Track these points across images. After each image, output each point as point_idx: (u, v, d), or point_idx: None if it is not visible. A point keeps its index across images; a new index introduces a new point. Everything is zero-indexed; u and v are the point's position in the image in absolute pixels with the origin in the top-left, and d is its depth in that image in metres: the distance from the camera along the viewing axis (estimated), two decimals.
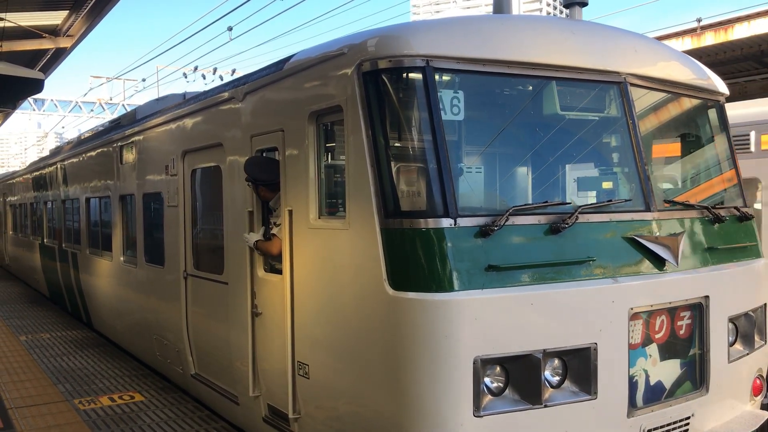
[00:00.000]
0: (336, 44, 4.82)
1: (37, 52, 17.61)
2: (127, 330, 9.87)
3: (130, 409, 7.34)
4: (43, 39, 16.42)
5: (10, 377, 8.70)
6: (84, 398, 7.78)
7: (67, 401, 7.65)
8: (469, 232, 4.15)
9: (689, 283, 4.89)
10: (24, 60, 17.13)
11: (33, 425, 6.84)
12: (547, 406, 4.21)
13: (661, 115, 5.64)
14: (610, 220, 4.62)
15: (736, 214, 5.61)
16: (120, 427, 6.77)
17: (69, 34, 16.49)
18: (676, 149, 5.93)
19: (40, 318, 13.48)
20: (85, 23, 15.72)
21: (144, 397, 7.82)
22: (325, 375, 4.89)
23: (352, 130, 4.48)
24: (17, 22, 14.21)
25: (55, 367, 9.28)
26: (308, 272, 5.06)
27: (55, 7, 14.66)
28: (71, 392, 8.04)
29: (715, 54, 12.54)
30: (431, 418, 4.03)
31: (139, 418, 7.04)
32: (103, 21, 15.66)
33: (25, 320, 13.16)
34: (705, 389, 5.02)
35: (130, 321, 9.56)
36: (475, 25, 4.63)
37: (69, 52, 17.71)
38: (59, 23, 15.87)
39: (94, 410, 7.31)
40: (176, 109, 7.78)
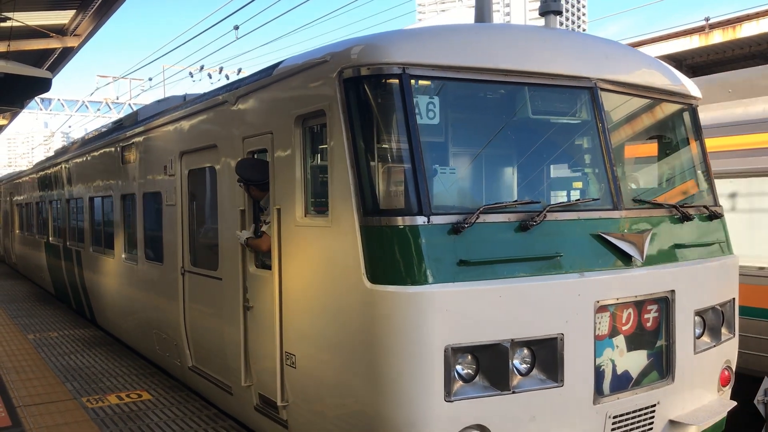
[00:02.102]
0: (320, 52, 5.11)
1: (45, 51, 17.68)
2: (128, 325, 10.18)
3: (138, 408, 7.39)
4: (50, 38, 16.48)
5: (18, 375, 8.77)
6: (92, 396, 7.83)
7: (75, 399, 7.72)
8: (442, 230, 4.43)
9: (655, 278, 5.16)
10: (31, 59, 17.20)
11: (41, 423, 6.88)
12: (515, 393, 4.49)
13: (635, 118, 5.91)
14: (578, 218, 4.89)
15: (706, 213, 5.88)
16: (128, 425, 6.82)
17: (76, 33, 16.59)
18: (650, 150, 6.19)
19: (48, 317, 13.56)
20: (92, 23, 15.80)
21: (151, 395, 7.86)
22: (310, 364, 5.18)
23: (333, 133, 4.77)
24: (25, 22, 14.29)
25: (63, 366, 9.35)
26: (295, 267, 5.35)
27: (62, 6, 14.77)
28: (79, 390, 8.10)
29: (723, 52, 12.70)
30: (405, 403, 4.32)
31: (146, 416, 7.09)
32: (109, 20, 15.87)
33: (33, 319, 13.27)
34: (671, 379, 5.28)
35: (132, 317, 9.87)
36: (450, 34, 4.91)
37: (76, 51, 17.79)
38: (66, 23, 15.95)
39: (102, 408, 7.37)
40: (174, 111, 8.08)
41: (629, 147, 5.95)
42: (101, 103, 36.52)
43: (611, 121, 5.44)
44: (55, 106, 35.60)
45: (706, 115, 7.68)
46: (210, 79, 33.56)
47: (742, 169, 7.84)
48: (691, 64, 13.35)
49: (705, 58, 13.02)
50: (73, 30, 16.41)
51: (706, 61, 13.07)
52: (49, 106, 35.22)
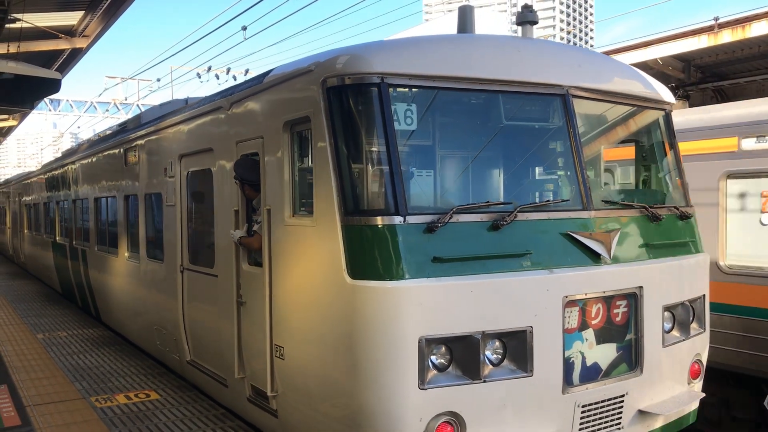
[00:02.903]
0: (306, 61, 5.43)
1: (54, 52, 17.72)
2: (131, 322, 10.52)
3: (146, 407, 7.46)
4: (59, 39, 16.53)
5: (27, 375, 8.88)
6: (100, 396, 7.89)
7: (83, 399, 7.79)
8: (418, 228, 4.73)
9: (623, 274, 5.44)
10: (40, 60, 17.26)
11: (51, 422, 6.95)
12: (486, 382, 4.79)
13: (609, 123, 6.21)
14: (548, 218, 5.19)
15: (676, 213, 6.16)
16: (136, 425, 6.88)
17: (85, 34, 16.63)
18: (625, 153, 6.49)
19: (57, 316, 13.69)
20: (100, 23, 15.84)
21: (159, 395, 7.92)
22: (297, 356, 5.50)
23: (317, 138, 5.09)
24: (34, 23, 14.33)
25: (72, 365, 9.43)
26: (284, 264, 5.66)
27: (71, 7, 14.84)
28: (88, 390, 8.17)
29: (732, 51, 12.59)
30: (381, 390, 4.62)
31: (154, 416, 7.15)
32: (118, 21, 15.82)
33: (42, 318, 13.39)
34: (639, 371, 5.56)
35: (134, 313, 10.21)
36: (427, 45, 5.22)
37: (85, 52, 17.80)
38: (75, 23, 16.02)
39: (110, 408, 7.44)
40: (174, 115, 8.42)
41: (605, 150, 6.25)
42: (110, 104, 36.48)
43: (585, 126, 5.74)
44: (63, 106, 35.62)
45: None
46: (218, 79, 33.54)
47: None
48: (699, 64, 13.32)
49: (714, 58, 12.94)
50: (81, 31, 16.50)
51: (715, 61, 13.00)
52: (58, 106, 35.28)
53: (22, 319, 13.32)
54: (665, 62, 13.09)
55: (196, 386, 8.12)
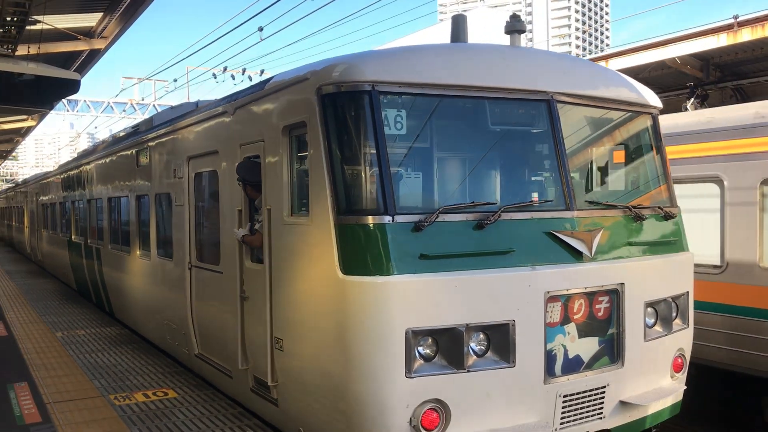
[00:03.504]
0: (303, 70, 5.75)
1: (72, 53, 17.83)
2: (143, 318, 10.89)
3: (164, 405, 7.52)
4: (78, 41, 16.59)
5: (47, 372, 9.00)
6: (119, 394, 7.99)
7: (102, 397, 7.88)
8: (406, 227, 5.04)
9: (605, 272, 5.71)
10: (59, 61, 17.40)
11: (70, 420, 7.04)
12: (470, 371, 5.08)
13: (595, 126, 6.48)
14: (531, 218, 5.47)
15: (661, 213, 6.42)
16: (155, 423, 6.95)
17: (103, 35, 16.72)
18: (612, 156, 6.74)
19: (75, 315, 13.86)
20: (118, 25, 15.93)
21: (177, 393, 7.98)
22: (294, 347, 5.82)
23: (313, 141, 5.41)
24: (54, 25, 14.41)
25: (90, 363, 9.54)
26: (283, 261, 5.99)
27: (90, 9, 14.99)
28: (107, 388, 8.26)
29: (752, 50, 12.47)
30: (370, 379, 4.93)
31: (173, 414, 7.21)
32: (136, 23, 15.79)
33: (60, 317, 13.55)
34: (621, 364, 5.83)
35: (146, 309, 10.58)
36: (417, 55, 5.53)
37: (103, 53, 17.88)
38: (94, 25, 16.15)
39: (129, 406, 7.53)
40: (182, 119, 8.78)
41: (592, 153, 6.52)
42: (126, 104, 36.66)
43: (572, 130, 6.02)
44: (81, 107, 35.73)
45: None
46: (233, 80, 33.61)
47: None
48: (718, 62, 13.21)
49: (733, 57, 12.82)
50: (100, 32, 16.61)
51: (734, 59, 12.88)
52: (76, 107, 35.43)
53: (41, 317, 13.53)
54: (683, 61, 13.00)
55: (203, 378, 8.47)
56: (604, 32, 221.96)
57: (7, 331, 11.74)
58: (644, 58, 13.22)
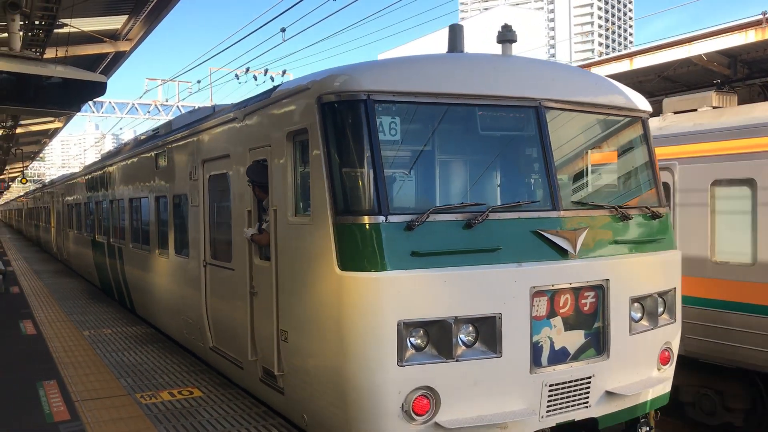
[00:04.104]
0: (305, 80, 6.16)
1: (98, 56, 18.06)
2: (162, 313, 11.38)
3: (189, 404, 7.60)
4: (104, 43, 16.79)
5: (75, 371, 9.16)
6: (145, 393, 8.10)
7: (129, 395, 7.99)
8: (398, 227, 5.42)
9: (590, 268, 6.04)
10: (86, 64, 17.72)
11: (98, 418, 7.16)
12: (459, 361, 5.45)
13: (585, 130, 6.80)
14: (519, 218, 5.82)
15: (648, 213, 6.72)
16: (180, 421, 7.03)
17: (128, 38, 16.92)
18: (601, 158, 7.06)
19: (101, 314, 14.12)
20: (143, 27, 16.10)
21: (202, 392, 8.07)
22: (297, 338, 6.23)
23: (313, 146, 5.81)
24: (80, 28, 14.59)
25: (117, 362, 9.70)
26: (287, 258, 6.40)
27: (115, 12, 15.17)
28: (133, 387, 8.37)
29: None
30: (365, 367, 5.32)
31: (198, 413, 7.29)
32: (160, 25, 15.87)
33: (87, 316, 13.81)
34: (607, 355, 6.15)
35: (165, 305, 11.06)
36: (411, 65, 5.92)
37: (128, 55, 18.06)
38: (119, 27, 16.33)
39: (155, 404, 7.63)
40: (198, 123, 9.23)
41: (581, 155, 6.84)
42: (150, 106, 37.09)
43: (560, 133, 6.36)
44: (106, 108, 36.26)
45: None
46: (255, 81, 33.77)
47: None
48: (746, 59, 13.05)
49: (762, 53, 12.63)
50: (125, 35, 16.83)
51: (763, 56, 12.71)
52: (101, 108, 36.01)
53: (68, 316, 13.79)
54: (710, 58, 12.87)
55: (217, 370, 8.91)
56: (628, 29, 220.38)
57: (36, 330, 12.04)
58: (669, 55, 13.06)
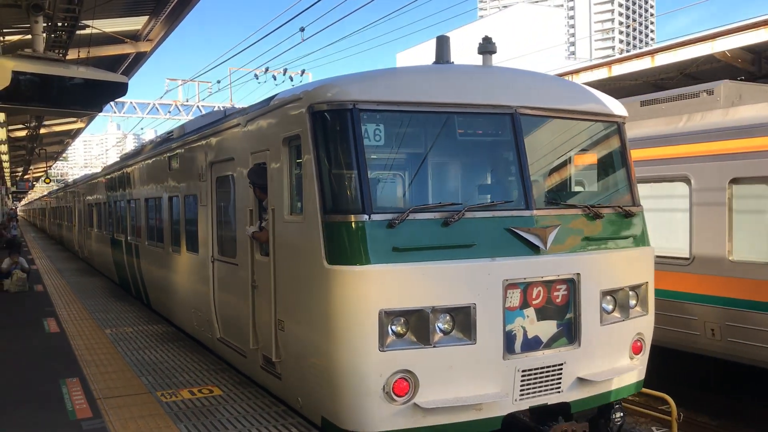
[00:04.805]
0: (299, 89, 6.71)
1: (119, 56, 18.48)
2: (175, 307, 12.00)
3: (209, 403, 7.66)
4: (125, 44, 17.17)
5: (97, 369, 9.28)
6: (166, 391, 8.16)
7: (150, 393, 8.07)
8: (381, 224, 5.95)
9: (560, 263, 6.53)
10: (107, 64, 18.13)
11: (120, 415, 7.25)
12: (436, 347, 5.97)
13: (561, 135, 7.29)
14: (493, 216, 6.33)
15: (621, 212, 7.19)
16: (200, 420, 7.09)
17: (149, 38, 17.27)
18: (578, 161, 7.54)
19: (122, 312, 14.28)
20: (163, 28, 16.43)
21: (222, 391, 8.13)
22: (292, 327, 6.79)
23: (305, 151, 6.36)
24: (102, 29, 14.98)
25: (138, 360, 9.79)
26: (283, 254, 6.95)
27: (136, 13, 15.55)
28: (153, 385, 8.44)
29: None
30: (350, 352, 5.86)
31: (217, 411, 7.35)
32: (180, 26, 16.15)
33: (109, 314, 13.97)
34: (578, 344, 6.63)
35: (178, 299, 11.68)
36: (394, 76, 6.45)
37: (149, 56, 18.41)
38: (140, 28, 16.73)
39: (175, 403, 7.69)
40: (207, 128, 9.83)
41: (557, 158, 7.33)
42: (171, 106, 37.65)
43: (537, 138, 6.85)
44: (127, 108, 36.95)
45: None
46: (275, 80, 33.77)
47: None
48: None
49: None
50: (146, 35, 17.20)
51: None
52: (122, 108, 36.72)
53: (91, 314, 13.98)
54: (734, 55, 12.88)
55: (224, 359, 9.50)
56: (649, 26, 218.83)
57: (60, 328, 12.29)
58: (692, 52, 13.05)
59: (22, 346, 10.76)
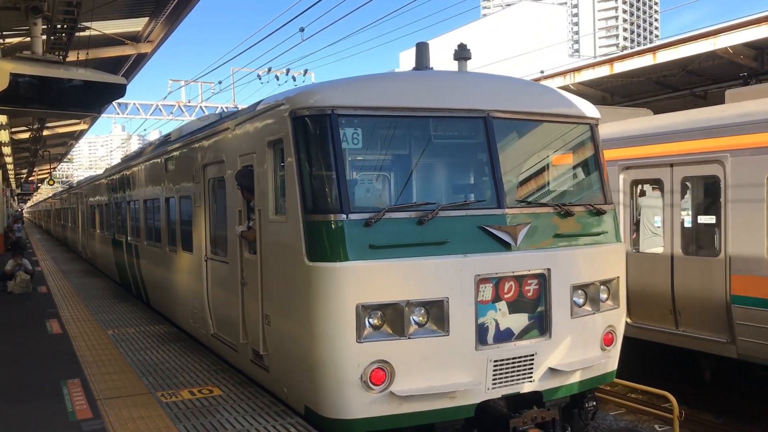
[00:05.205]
0: (282, 96, 7.07)
1: (120, 58, 18.46)
2: (173, 305, 12.37)
3: (209, 403, 7.68)
4: (125, 46, 17.19)
5: (98, 369, 9.29)
6: (166, 391, 8.17)
7: (150, 394, 8.07)
8: (358, 223, 6.31)
9: (531, 259, 6.86)
10: (109, 66, 18.19)
11: (120, 416, 7.27)
12: (410, 338, 6.32)
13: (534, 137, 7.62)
14: (466, 215, 6.68)
15: (593, 210, 7.52)
16: (200, 420, 7.11)
17: (149, 39, 17.27)
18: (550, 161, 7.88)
19: (125, 313, 14.33)
20: (163, 29, 16.43)
21: (222, 391, 8.16)
22: (277, 321, 7.15)
23: (287, 154, 6.72)
24: (102, 30, 14.98)
25: (139, 361, 9.81)
26: (269, 252, 7.31)
27: (136, 14, 15.61)
28: (154, 385, 8.45)
29: None
30: (329, 343, 6.22)
31: (217, 411, 7.37)
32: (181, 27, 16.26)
33: (111, 315, 14.03)
34: (549, 336, 6.97)
35: (175, 297, 12.05)
36: (371, 83, 6.81)
37: (149, 57, 18.45)
38: (140, 29, 16.74)
39: (175, 403, 7.71)
40: (200, 132, 10.20)
41: (530, 159, 7.66)
42: (174, 107, 37.62)
43: (510, 140, 7.20)
44: (131, 110, 36.89)
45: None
46: (277, 81, 33.85)
47: None
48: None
49: None
50: (146, 37, 17.20)
51: None
52: (126, 110, 36.69)
53: (93, 315, 14.04)
54: (736, 51, 12.88)
55: (218, 355, 9.87)
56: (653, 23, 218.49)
57: (62, 329, 12.34)
58: (693, 49, 13.10)
59: (25, 347, 10.89)
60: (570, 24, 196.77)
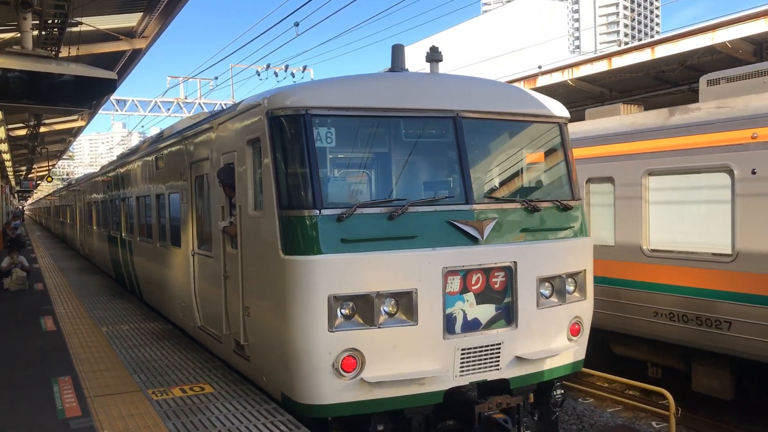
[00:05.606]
0: (260, 96, 7.38)
1: (116, 54, 18.31)
2: (164, 299, 12.70)
3: (200, 400, 7.70)
4: (119, 41, 17.00)
5: (90, 366, 9.28)
6: (157, 389, 8.18)
7: (141, 391, 8.07)
8: (331, 218, 6.62)
9: (497, 252, 7.17)
10: (104, 62, 17.90)
11: (109, 414, 7.27)
12: (381, 328, 6.64)
13: (503, 136, 7.94)
14: (435, 210, 6.99)
15: (560, 205, 7.84)
16: (189, 417, 7.13)
17: (144, 35, 17.08)
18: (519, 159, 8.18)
19: (121, 310, 14.38)
20: (158, 24, 16.28)
21: (213, 388, 8.18)
22: (257, 312, 7.47)
23: (264, 153, 7.04)
24: (95, 26, 14.77)
25: (132, 358, 9.81)
26: (249, 246, 7.63)
27: (129, 9, 15.48)
28: (145, 383, 8.46)
29: None
30: (302, 333, 6.54)
31: (207, 409, 7.39)
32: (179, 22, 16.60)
33: (107, 312, 14.06)
34: (515, 326, 7.28)
35: (165, 291, 12.38)
36: (345, 84, 7.11)
37: (144, 52, 18.25)
38: (134, 25, 16.60)
39: (165, 401, 7.70)
40: (188, 130, 10.52)
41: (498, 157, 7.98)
42: (172, 103, 37.90)
43: (479, 139, 7.51)
44: (129, 106, 37.14)
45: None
46: (276, 77, 34.09)
47: None
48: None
49: None
50: (141, 32, 17.01)
51: None
52: (125, 107, 36.91)
53: (88, 312, 14.07)
54: (735, 45, 12.81)
55: (204, 347, 10.20)
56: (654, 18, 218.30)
57: (56, 326, 12.34)
58: (692, 43, 13.04)
59: (17, 344, 10.89)
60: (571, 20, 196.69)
